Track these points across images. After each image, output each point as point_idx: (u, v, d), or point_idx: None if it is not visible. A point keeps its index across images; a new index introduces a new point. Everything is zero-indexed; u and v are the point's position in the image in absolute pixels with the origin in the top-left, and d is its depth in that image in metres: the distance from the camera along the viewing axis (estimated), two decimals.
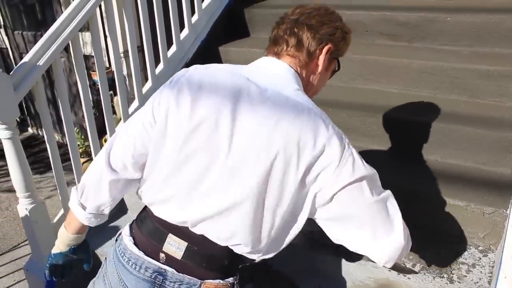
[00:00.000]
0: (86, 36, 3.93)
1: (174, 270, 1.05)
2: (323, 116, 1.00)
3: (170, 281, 1.05)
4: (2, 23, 5.57)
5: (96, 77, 2.68)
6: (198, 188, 1.02)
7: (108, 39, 2.49)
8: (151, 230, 1.10)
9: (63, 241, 1.26)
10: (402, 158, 2.02)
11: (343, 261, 1.65)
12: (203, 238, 1.05)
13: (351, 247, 1.05)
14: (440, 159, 1.97)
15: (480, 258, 1.59)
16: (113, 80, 2.44)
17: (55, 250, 1.28)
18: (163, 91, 1.07)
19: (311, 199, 1.00)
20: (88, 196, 1.18)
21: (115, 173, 1.13)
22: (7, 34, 5.61)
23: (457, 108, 2.08)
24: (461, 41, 2.36)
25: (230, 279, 1.09)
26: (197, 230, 1.05)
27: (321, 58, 1.14)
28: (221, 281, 1.07)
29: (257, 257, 1.09)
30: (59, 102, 2.16)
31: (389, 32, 2.56)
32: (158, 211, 1.09)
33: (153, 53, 2.56)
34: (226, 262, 1.07)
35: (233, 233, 1.02)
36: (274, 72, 1.09)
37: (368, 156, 2.01)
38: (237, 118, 0.98)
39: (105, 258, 1.20)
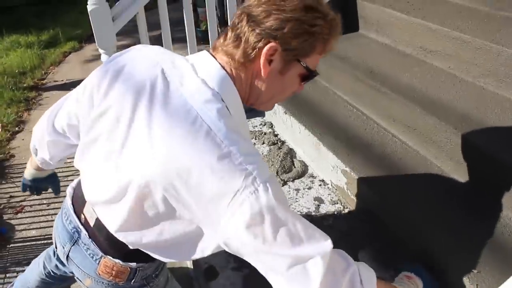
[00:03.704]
0: None
1: (86, 233, 1.08)
2: (227, 143, 0.81)
3: (82, 242, 1.10)
4: None
5: None
6: (97, 173, 1.01)
7: None
8: (79, 191, 1.12)
9: (27, 171, 1.43)
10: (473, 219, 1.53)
11: None
12: None
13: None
14: None
15: None
16: None
17: (24, 174, 1.45)
18: (94, 71, 1.03)
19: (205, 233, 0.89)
20: (36, 146, 1.28)
21: (56, 135, 1.19)
22: None
23: None
24: None
25: (133, 264, 1.07)
26: (96, 210, 1.06)
27: (262, 59, 0.89)
28: (121, 262, 1.06)
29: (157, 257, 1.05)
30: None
31: None
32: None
33: None
34: (128, 248, 1.03)
35: (117, 227, 0.99)
36: (199, 72, 0.90)
37: (427, 185, 1.61)
38: (135, 119, 0.88)
39: None
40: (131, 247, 1.02)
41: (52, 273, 1.39)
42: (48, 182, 1.48)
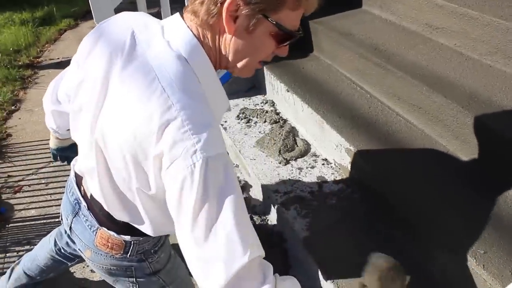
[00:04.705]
0: None
1: (85, 205, 1.10)
2: (178, 107, 0.77)
3: (82, 213, 1.11)
4: None
5: None
6: (81, 143, 1.01)
7: None
8: None
9: (51, 140, 1.47)
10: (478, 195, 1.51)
11: None
12: None
13: None
14: None
15: None
16: None
17: (49, 143, 1.49)
18: (83, 40, 0.99)
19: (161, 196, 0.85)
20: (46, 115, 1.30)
21: (58, 104, 1.21)
22: None
23: None
24: None
25: (127, 237, 1.07)
26: (86, 181, 1.07)
27: (224, 15, 0.82)
28: (115, 235, 1.07)
29: (147, 231, 1.03)
30: None
31: None
32: None
33: None
34: (122, 221, 1.03)
35: (99, 197, 1.01)
36: (166, 34, 0.87)
37: (442, 165, 1.59)
38: (109, 85, 0.86)
39: None
40: (124, 219, 1.01)
41: (62, 250, 1.39)
42: (71, 152, 1.48)
